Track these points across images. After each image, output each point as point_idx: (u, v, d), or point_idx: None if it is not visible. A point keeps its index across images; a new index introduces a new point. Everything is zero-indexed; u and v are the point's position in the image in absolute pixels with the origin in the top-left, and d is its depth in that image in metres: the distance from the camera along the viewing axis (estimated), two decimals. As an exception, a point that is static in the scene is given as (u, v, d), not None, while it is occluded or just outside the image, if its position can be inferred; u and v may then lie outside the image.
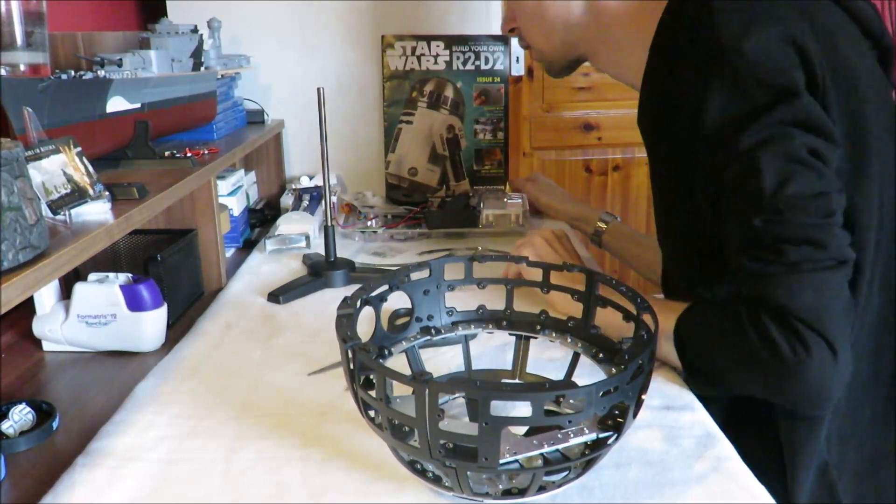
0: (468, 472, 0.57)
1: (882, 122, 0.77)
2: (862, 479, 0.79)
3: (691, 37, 0.74)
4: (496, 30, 1.62)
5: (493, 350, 0.88)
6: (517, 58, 2.12)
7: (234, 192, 1.32)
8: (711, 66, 0.72)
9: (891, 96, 0.84)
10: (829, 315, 0.66)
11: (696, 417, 0.73)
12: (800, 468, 0.76)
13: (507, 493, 0.59)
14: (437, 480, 0.60)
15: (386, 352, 0.74)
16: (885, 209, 0.75)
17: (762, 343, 0.67)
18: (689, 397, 0.77)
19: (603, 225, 1.29)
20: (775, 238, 0.68)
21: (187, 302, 1.06)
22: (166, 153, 1.06)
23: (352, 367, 0.60)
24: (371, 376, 0.62)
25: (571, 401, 0.67)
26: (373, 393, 0.59)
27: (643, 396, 0.60)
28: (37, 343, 0.93)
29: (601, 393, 0.55)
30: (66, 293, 0.92)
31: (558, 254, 1.00)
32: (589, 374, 0.75)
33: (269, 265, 1.21)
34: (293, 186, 1.50)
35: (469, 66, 1.56)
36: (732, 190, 0.72)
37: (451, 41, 1.56)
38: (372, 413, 0.61)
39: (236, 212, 1.31)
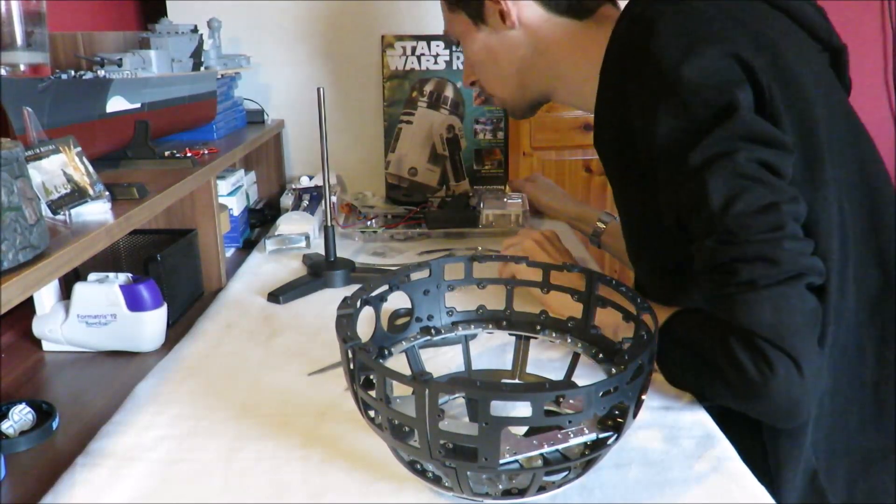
0: (468, 473, 0.57)
1: (836, 125, 0.77)
2: (853, 484, 0.79)
3: (636, 63, 0.75)
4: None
5: (493, 350, 0.88)
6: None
7: (234, 192, 1.32)
8: (657, 91, 0.73)
9: (844, 98, 0.84)
10: (790, 330, 0.66)
11: (696, 417, 0.73)
12: (786, 476, 0.76)
13: (507, 494, 0.59)
14: (437, 480, 0.60)
15: (386, 352, 0.74)
16: (846, 213, 0.75)
17: (728, 364, 0.67)
18: (689, 397, 0.77)
19: (602, 225, 1.30)
20: (728, 258, 0.68)
21: (187, 302, 1.06)
22: (166, 153, 1.06)
23: (352, 367, 0.60)
24: (371, 376, 0.62)
25: (571, 401, 0.67)
26: (373, 393, 0.59)
27: (643, 397, 0.60)
28: (37, 343, 0.93)
29: (601, 393, 0.55)
30: (66, 293, 0.92)
31: (550, 256, 1.00)
32: (589, 374, 0.75)
33: (269, 265, 1.21)
34: (293, 186, 1.50)
35: (469, 66, 1.56)
36: (687, 212, 0.72)
37: (452, 41, 1.55)
38: (372, 413, 0.61)
39: (236, 212, 1.31)
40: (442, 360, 0.85)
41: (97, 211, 0.77)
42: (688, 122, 0.71)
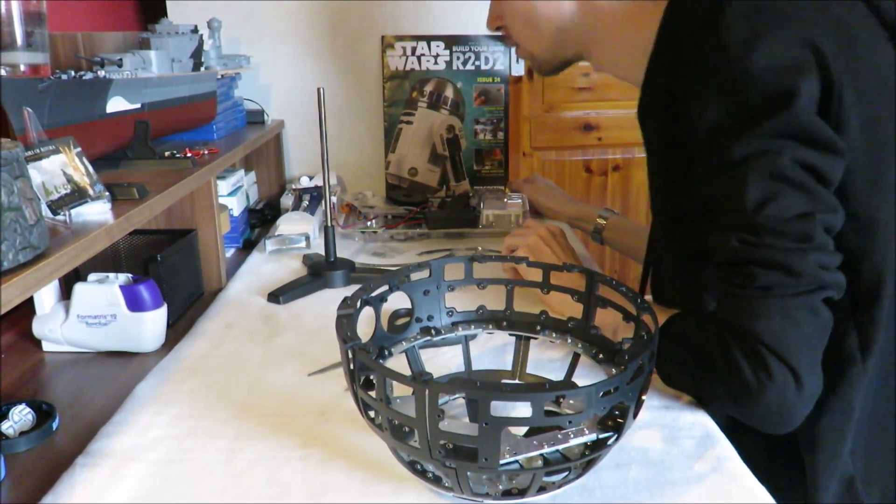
0: (468, 473, 0.57)
1: None
2: (891, 490, 0.78)
3: (698, 37, 0.71)
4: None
5: (493, 350, 0.88)
6: (517, 58, 2.12)
7: (234, 193, 1.32)
8: (714, 70, 0.69)
9: None
10: (795, 342, 0.65)
11: (696, 417, 0.73)
12: (823, 482, 0.75)
13: (507, 494, 0.59)
14: (437, 481, 0.60)
15: (386, 352, 0.74)
16: None
17: (725, 365, 0.67)
18: (689, 397, 0.77)
19: (602, 221, 1.29)
20: (748, 260, 0.67)
21: (187, 302, 1.06)
22: (166, 153, 1.06)
23: (352, 367, 0.60)
24: (371, 377, 0.62)
25: (571, 401, 0.67)
26: (373, 393, 0.59)
27: (643, 397, 0.60)
28: (37, 343, 0.93)
29: (601, 393, 0.55)
30: (66, 293, 0.92)
31: (555, 253, 1.00)
32: (589, 374, 0.75)
33: (269, 265, 1.21)
34: (293, 186, 1.50)
35: (469, 67, 1.56)
36: (718, 201, 0.70)
37: (452, 41, 1.56)
38: (372, 413, 0.61)
39: (236, 212, 1.31)
40: (442, 361, 0.85)
41: (97, 211, 0.77)
42: (739, 108, 0.67)
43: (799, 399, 0.65)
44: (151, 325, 0.90)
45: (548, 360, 0.84)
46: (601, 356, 0.73)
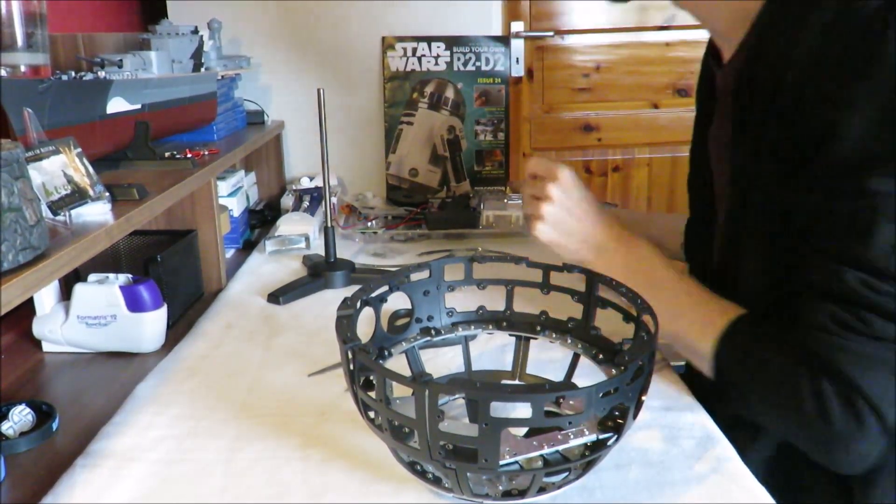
0: (468, 474, 0.57)
1: None
2: None
3: (852, 37, 0.63)
4: (497, 31, 1.63)
5: (492, 351, 0.88)
6: (517, 59, 2.12)
7: (234, 193, 1.32)
8: (877, 86, 0.61)
9: None
10: (894, 395, 0.62)
11: (697, 418, 0.73)
12: None
13: (507, 495, 0.59)
14: (436, 482, 0.60)
15: (386, 353, 0.74)
16: None
17: (816, 408, 0.63)
18: (689, 398, 0.77)
19: None
20: (865, 304, 0.62)
21: (187, 302, 1.06)
22: (166, 154, 1.06)
23: (352, 367, 0.60)
24: (371, 377, 0.62)
25: (571, 402, 0.67)
26: (373, 394, 0.59)
27: (643, 398, 0.60)
28: (37, 344, 0.93)
29: (601, 394, 0.55)
30: (66, 294, 0.92)
31: (574, 216, 0.89)
32: (589, 375, 0.75)
33: (269, 266, 1.21)
34: (293, 187, 1.50)
35: (470, 67, 1.56)
36: (833, 225, 0.64)
37: (452, 42, 1.56)
38: (372, 414, 0.61)
39: (236, 212, 1.31)
40: (442, 361, 0.85)
41: (97, 212, 0.77)
42: (890, 137, 0.60)
43: (881, 446, 0.64)
44: (151, 325, 0.90)
45: (548, 360, 0.84)
46: (601, 356, 0.73)
